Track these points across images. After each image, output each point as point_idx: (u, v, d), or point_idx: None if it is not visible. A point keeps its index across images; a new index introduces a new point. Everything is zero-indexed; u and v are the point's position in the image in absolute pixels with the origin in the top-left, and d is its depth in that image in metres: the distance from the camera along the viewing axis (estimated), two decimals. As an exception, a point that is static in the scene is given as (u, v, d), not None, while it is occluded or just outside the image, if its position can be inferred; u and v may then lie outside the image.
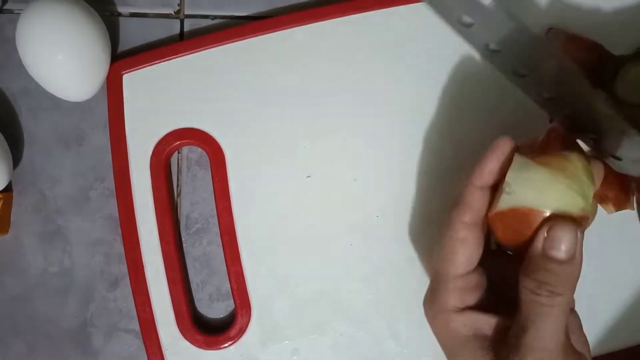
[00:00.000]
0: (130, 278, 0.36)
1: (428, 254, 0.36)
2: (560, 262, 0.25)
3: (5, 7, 0.38)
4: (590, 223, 0.27)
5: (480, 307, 0.28)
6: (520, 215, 0.26)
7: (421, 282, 0.35)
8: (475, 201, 0.28)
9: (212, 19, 0.38)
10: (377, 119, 0.36)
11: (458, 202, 0.28)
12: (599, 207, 0.30)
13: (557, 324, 0.25)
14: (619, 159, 0.29)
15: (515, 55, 0.29)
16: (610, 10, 0.36)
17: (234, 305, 0.36)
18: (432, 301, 0.29)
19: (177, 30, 0.38)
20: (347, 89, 0.36)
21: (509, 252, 0.29)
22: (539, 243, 0.25)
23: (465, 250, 0.28)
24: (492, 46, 0.29)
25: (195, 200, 0.37)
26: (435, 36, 0.36)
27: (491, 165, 0.28)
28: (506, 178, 0.27)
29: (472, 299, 0.29)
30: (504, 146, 0.28)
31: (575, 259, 0.25)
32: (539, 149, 0.30)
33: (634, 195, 0.32)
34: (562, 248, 0.25)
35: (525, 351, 0.24)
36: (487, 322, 0.28)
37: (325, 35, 0.37)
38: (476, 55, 0.36)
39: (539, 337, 0.24)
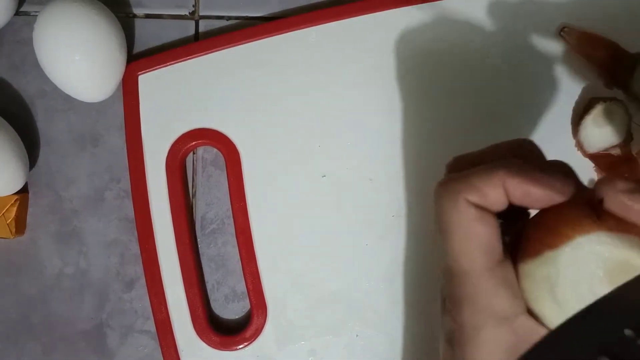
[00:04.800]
0: (146, 279, 0.36)
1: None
2: None
3: (21, 10, 0.38)
4: None
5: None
6: None
7: (437, 282, 0.35)
8: (494, 197, 0.21)
9: (227, 20, 0.38)
10: (392, 118, 0.36)
11: (466, 183, 0.21)
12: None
13: None
14: None
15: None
16: (625, 8, 0.36)
17: (249, 306, 0.36)
18: (466, 314, 0.21)
19: (192, 31, 0.38)
20: (362, 88, 0.36)
21: None
22: None
23: (487, 230, 0.21)
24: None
25: (211, 200, 0.37)
26: (449, 35, 0.36)
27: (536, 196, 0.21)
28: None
29: (521, 301, 0.21)
30: (560, 195, 0.21)
31: None
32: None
33: None
34: None
35: None
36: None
37: (339, 36, 0.37)
38: (486, 56, 0.36)
39: None
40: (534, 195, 0.21)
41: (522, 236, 0.22)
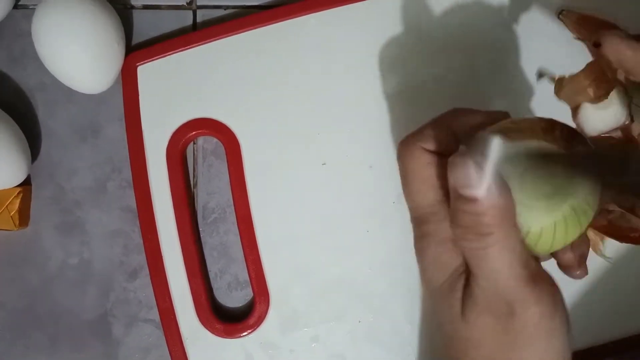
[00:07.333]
0: (149, 268, 0.36)
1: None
2: (470, 200, 0.22)
3: (19, 3, 0.38)
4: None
5: None
6: None
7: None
8: (442, 139, 0.26)
9: (224, 9, 0.38)
10: (391, 105, 0.36)
11: (420, 133, 0.26)
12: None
13: (501, 262, 0.22)
14: None
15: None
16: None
17: (252, 294, 0.36)
18: (417, 236, 0.26)
19: (190, 22, 0.38)
20: (361, 75, 0.36)
21: None
22: (450, 182, 0.23)
23: (437, 172, 0.25)
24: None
25: (212, 190, 0.37)
26: (449, 20, 0.36)
27: (477, 120, 0.26)
28: None
29: None
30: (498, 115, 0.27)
31: (486, 193, 0.22)
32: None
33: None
34: (468, 184, 0.22)
35: (478, 296, 0.23)
36: None
37: (338, 23, 0.37)
38: (485, 41, 0.36)
39: (485, 281, 0.23)
40: (477, 119, 0.27)
41: None
